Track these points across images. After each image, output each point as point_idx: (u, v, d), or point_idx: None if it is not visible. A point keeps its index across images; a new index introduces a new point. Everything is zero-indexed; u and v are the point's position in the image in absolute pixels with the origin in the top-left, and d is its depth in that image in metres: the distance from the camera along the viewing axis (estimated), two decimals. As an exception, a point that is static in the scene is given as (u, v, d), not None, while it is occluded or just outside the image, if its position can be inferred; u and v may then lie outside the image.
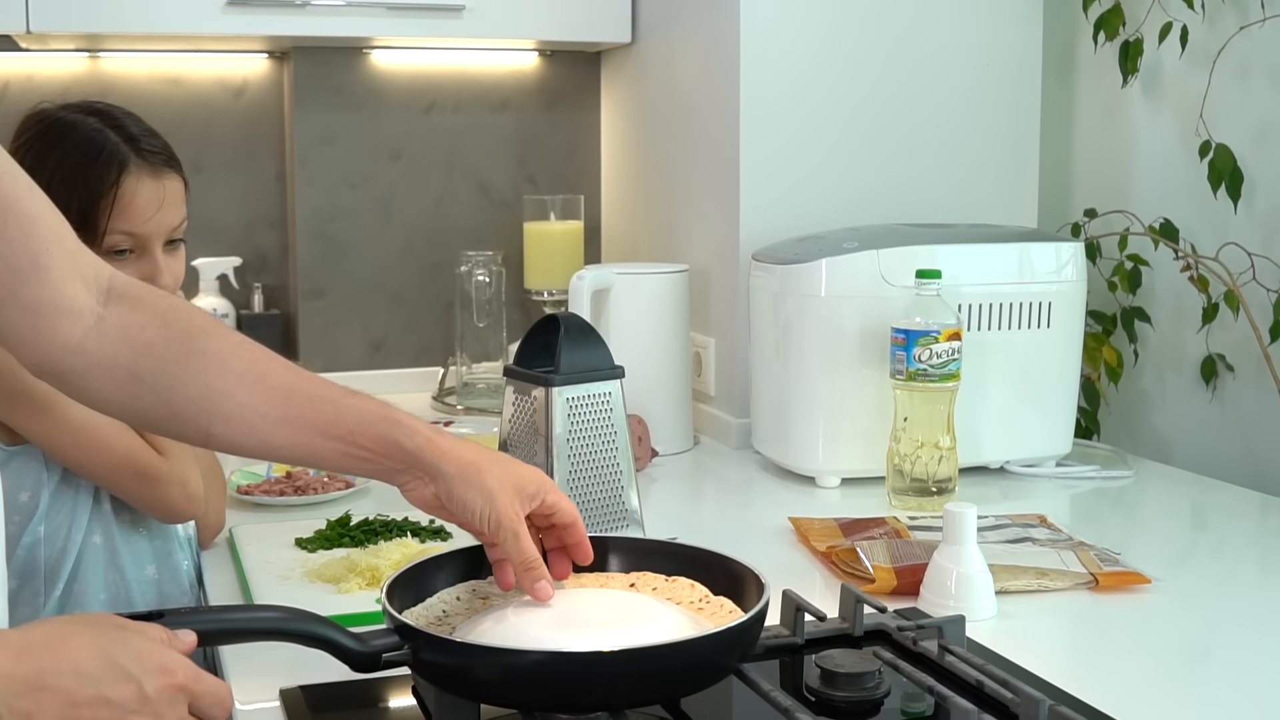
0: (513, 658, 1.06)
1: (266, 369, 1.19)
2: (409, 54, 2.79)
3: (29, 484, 1.59)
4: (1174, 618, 1.48)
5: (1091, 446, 2.26)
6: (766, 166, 2.29)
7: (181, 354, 1.18)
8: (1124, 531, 1.85)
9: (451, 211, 2.85)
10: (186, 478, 1.60)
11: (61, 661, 0.87)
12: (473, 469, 1.17)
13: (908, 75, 2.36)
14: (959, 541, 1.45)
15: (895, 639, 1.28)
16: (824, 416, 2.02)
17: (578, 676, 1.05)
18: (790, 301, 2.03)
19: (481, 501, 1.16)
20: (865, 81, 2.34)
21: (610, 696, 1.07)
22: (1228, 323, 2.21)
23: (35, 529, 1.59)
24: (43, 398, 1.53)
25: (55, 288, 1.15)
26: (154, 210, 1.64)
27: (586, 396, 1.64)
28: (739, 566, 1.24)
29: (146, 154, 1.66)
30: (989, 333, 2.03)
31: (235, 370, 1.17)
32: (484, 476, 1.16)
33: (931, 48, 2.36)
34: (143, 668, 0.90)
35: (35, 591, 1.60)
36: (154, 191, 1.64)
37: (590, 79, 2.92)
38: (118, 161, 1.62)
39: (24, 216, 1.13)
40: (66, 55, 2.66)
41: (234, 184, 2.79)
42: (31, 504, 1.59)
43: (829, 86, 2.32)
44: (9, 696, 0.85)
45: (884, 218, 2.29)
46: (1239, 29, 2.15)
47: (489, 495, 1.16)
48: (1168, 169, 2.34)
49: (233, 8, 2.44)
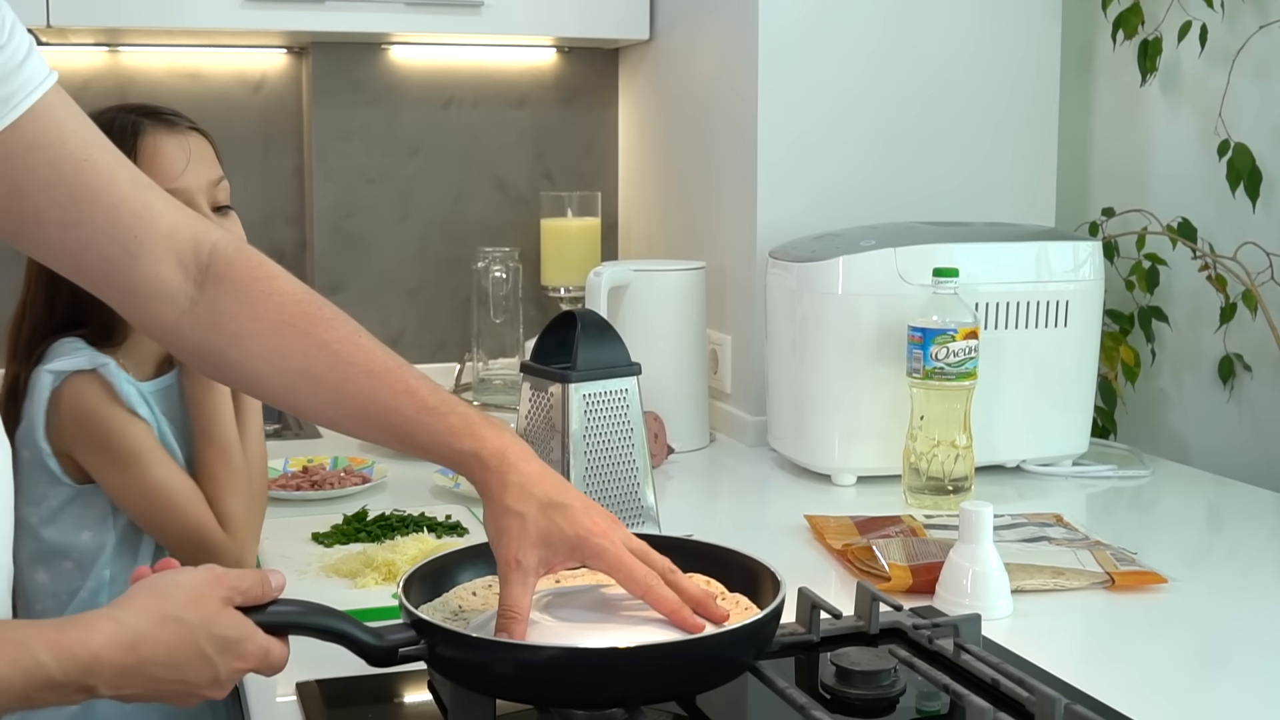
0: (528, 653, 1.06)
1: (347, 374, 1.18)
2: (427, 50, 2.79)
3: (92, 523, 1.58)
4: (1190, 618, 1.48)
5: (1108, 446, 2.26)
6: (784, 164, 2.29)
7: (271, 352, 1.18)
8: (1140, 531, 1.84)
9: (469, 207, 2.86)
10: (243, 554, 1.56)
11: (159, 653, 0.97)
12: (506, 502, 1.14)
13: (926, 73, 2.36)
14: (975, 540, 1.45)
15: (911, 637, 1.28)
16: (840, 414, 2.02)
17: (593, 672, 1.06)
18: (807, 299, 2.03)
19: (494, 535, 1.14)
20: (884, 79, 2.34)
21: (625, 693, 1.07)
22: (1245, 322, 2.20)
23: (100, 573, 1.59)
24: (127, 452, 1.53)
25: (147, 273, 1.16)
26: (183, 164, 1.59)
27: (603, 393, 1.65)
28: (754, 564, 1.24)
29: (160, 115, 1.62)
30: (1006, 331, 2.02)
31: (318, 374, 1.18)
32: (507, 516, 1.13)
33: (950, 46, 2.36)
34: (222, 655, 1.00)
35: None
36: (178, 145, 1.60)
37: (608, 76, 2.92)
38: (130, 127, 1.59)
39: (109, 206, 1.14)
40: (86, 49, 2.67)
41: (252, 179, 2.80)
42: (96, 545, 1.58)
43: (847, 84, 2.32)
44: (112, 680, 0.95)
45: (902, 216, 2.29)
46: (1259, 28, 2.14)
47: (498, 534, 1.14)
48: (1186, 168, 2.33)
49: (252, 3, 2.45)
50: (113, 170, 1.15)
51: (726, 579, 1.25)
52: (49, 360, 1.54)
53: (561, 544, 1.13)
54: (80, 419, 1.53)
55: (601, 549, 1.13)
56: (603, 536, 1.13)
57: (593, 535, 1.13)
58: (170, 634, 0.97)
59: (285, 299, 1.20)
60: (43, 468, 1.55)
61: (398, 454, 2.14)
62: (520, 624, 1.11)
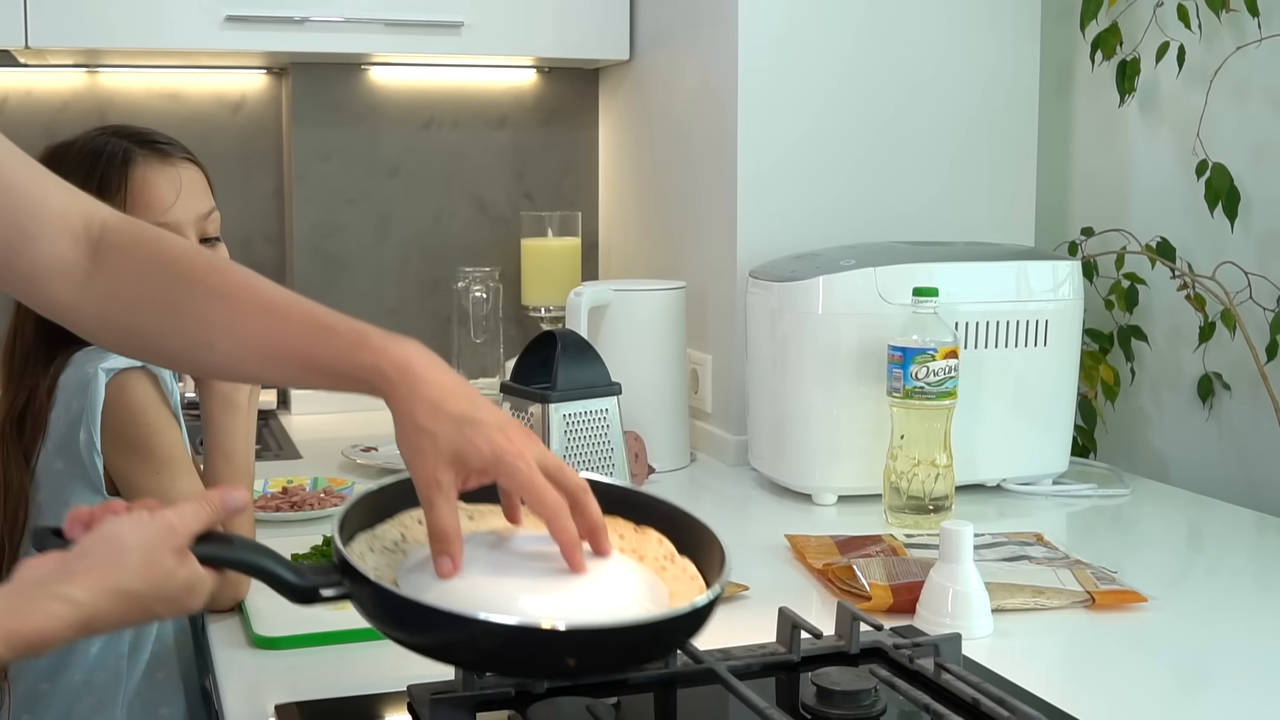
0: (447, 622, 1.04)
1: (243, 314, 1.17)
2: (407, 70, 2.80)
3: None
4: (1170, 636, 1.48)
5: (1088, 465, 2.26)
6: (764, 183, 2.30)
7: (164, 308, 1.19)
8: (1120, 550, 1.85)
9: (449, 227, 2.86)
10: (240, 583, 1.51)
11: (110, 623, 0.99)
12: (417, 420, 1.10)
13: (906, 93, 2.36)
14: (955, 559, 1.45)
15: (892, 657, 1.28)
16: (821, 434, 2.02)
17: (514, 648, 1.03)
18: (787, 319, 2.03)
19: (408, 456, 1.11)
20: (864, 99, 2.34)
21: (549, 668, 1.07)
22: (1224, 342, 2.21)
23: None
24: (162, 457, 1.52)
25: (45, 252, 1.18)
26: (173, 197, 1.58)
27: (583, 413, 1.65)
28: (707, 533, 1.22)
29: (153, 144, 1.60)
30: (986, 350, 2.03)
31: (214, 323, 1.17)
32: (419, 434, 1.09)
33: (930, 66, 2.37)
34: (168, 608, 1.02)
35: (119, 655, 1.56)
36: (168, 178, 1.58)
37: (588, 96, 2.93)
38: (120, 155, 1.57)
39: (4, 191, 1.16)
40: (65, 70, 2.67)
41: (232, 200, 2.79)
42: None
43: (827, 104, 2.32)
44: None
45: (881, 235, 2.29)
46: (1236, 49, 2.16)
47: (411, 453, 1.10)
48: (1165, 188, 2.34)
49: (231, 23, 2.45)
50: (10, 156, 1.17)
51: (678, 541, 1.23)
52: (88, 362, 1.51)
53: (476, 461, 1.09)
54: (127, 415, 1.50)
55: (514, 469, 1.09)
56: (517, 456, 1.09)
57: (506, 454, 1.09)
58: (123, 607, 0.98)
59: (172, 257, 1.21)
60: (84, 479, 1.52)
61: (377, 476, 2.14)
62: (456, 542, 1.08)
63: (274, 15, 2.46)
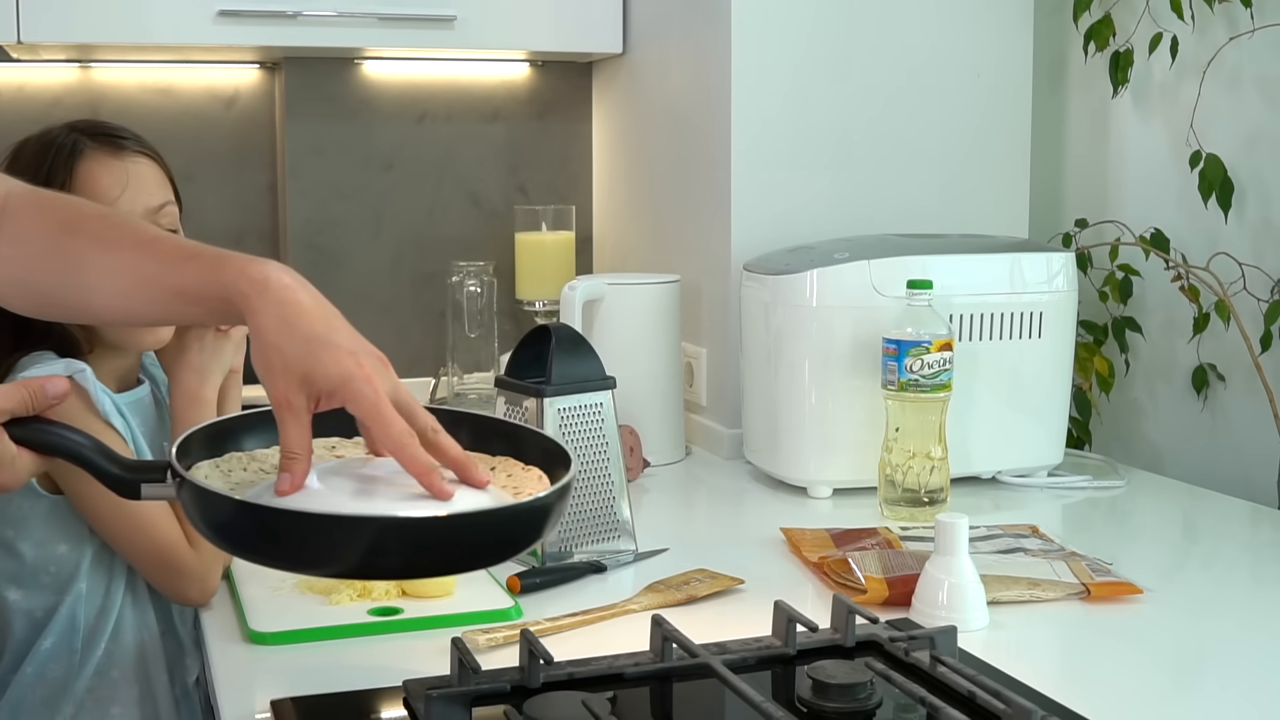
0: (260, 513, 1.04)
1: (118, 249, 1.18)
2: (400, 64, 2.79)
3: (69, 537, 1.57)
4: (1166, 628, 1.48)
5: (1083, 456, 2.27)
6: (758, 177, 2.29)
7: (55, 259, 1.20)
8: (1116, 541, 1.85)
9: (443, 222, 2.85)
10: (208, 573, 1.54)
11: None
12: (268, 336, 1.09)
13: (899, 86, 2.36)
14: (951, 552, 1.45)
15: (887, 650, 1.28)
16: (816, 427, 2.02)
17: (334, 538, 1.03)
18: (781, 312, 2.03)
19: (261, 373, 1.09)
20: (857, 92, 2.34)
21: (386, 562, 1.06)
22: (1218, 332, 2.21)
23: (79, 586, 1.58)
24: None
25: None
26: (119, 190, 1.58)
27: (578, 407, 1.65)
28: (550, 442, 1.23)
29: (103, 138, 1.60)
30: (980, 343, 2.03)
31: (97, 264, 1.18)
32: (269, 350, 1.08)
33: (922, 58, 2.37)
34: None
35: (72, 650, 1.58)
36: (115, 172, 1.58)
37: (582, 89, 2.92)
38: (70, 148, 1.58)
39: None
40: (57, 66, 2.66)
41: (225, 195, 2.79)
42: (73, 558, 1.57)
43: (820, 97, 2.32)
44: None
45: (875, 228, 2.29)
46: (1229, 39, 2.16)
47: (264, 370, 1.09)
48: (1158, 179, 2.34)
49: (224, 18, 2.44)
50: None
51: (523, 456, 1.22)
52: (19, 371, 1.53)
53: (323, 382, 1.07)
54: None
55: (361, 394, 1.07)
56: (365, 382, 1.07)
57: (355, 379, 1.07)
58: None
59: (65, 212, 1.23)
60: None
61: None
62: (302, 462, 1.07)
63: (266, 10, 2.46)
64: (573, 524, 1.65)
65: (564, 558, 1.64)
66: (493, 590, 1.52)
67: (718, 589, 1.55)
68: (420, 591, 1.49)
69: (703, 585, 1.55)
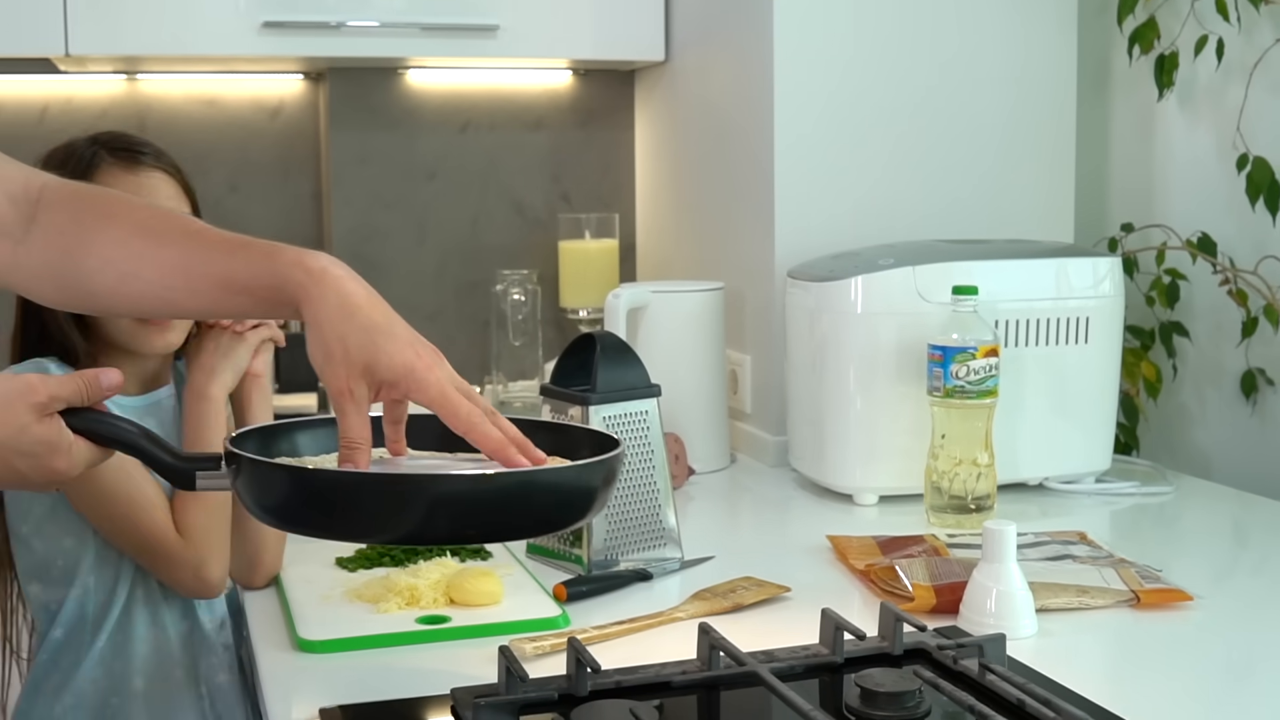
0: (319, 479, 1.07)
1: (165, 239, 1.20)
2: (444, 74, 2.80)
3: (74, 530, 1.59)
4: (1216, 635, 1.47)
5: (1131, 462, 2.25)
6: (801, 183, 2.29)
7: (92, 247, 1.21)
8: (1165, 548, 1.83)
9: (487, 230, 2.86)
10: (203, 562, 1.56)
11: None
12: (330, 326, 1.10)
13: (943, 90, 2.35)
14: (999, 559, 1.44)
15: (935, 658, 1.27)
16: (861, 434, 2.01)
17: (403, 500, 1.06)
18: (826, 318, 2.02)
19: (319, 361, 1.11)
20: (900, 97, 2.34)
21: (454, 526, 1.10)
22: (1267, 336, 2.20)
23: (85, 579, 1.61)
24: None
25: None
26: None
27: (623, 415, 1.65)
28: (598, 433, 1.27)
29: (121, 151, 1.63)
30: (1026, 348, 2.02)
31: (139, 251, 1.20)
32: (331, 340, 1.10)
33: (967, 62, 2.36)
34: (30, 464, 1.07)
35: (81, 643, 1.61)
36: (130, 186, 1.60)
37: (624, 97, 2.93)
38: (88, 160, 1.60)
39: None
40: (104, 78, 2.69)
41: (270, 204, 2.81)
42: (78, 551, 1.60)
43: (863, 102, 2.32)
44: None
45: (920, 233, 2.29)
46: (1275, 41, 2.14)
47: (324, 359, 1.11)
48: (1205, 182, 2.33)
49: (268, 29, 2.46)
50: None
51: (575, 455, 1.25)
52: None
53: (386, 372, 1.10)
54: None
55: (425, 381, 1.10)
56: (428, 370, 1.11)
57: (417, 369, 1.10)
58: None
59: (100, 200, 1.24)
60: None
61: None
62: (363, 453, 1.09)
63: (310, 21, 2.47)
64: (618, 531, 1.65)
65: (610, 565, 1.64)
66: (540, 598, 1.52)
67: (764, 597, 1.55)
68: (468, 600, 1.49)
69: (749, 593, 1.55)
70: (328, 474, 1.10)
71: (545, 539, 1.69)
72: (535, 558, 1.70)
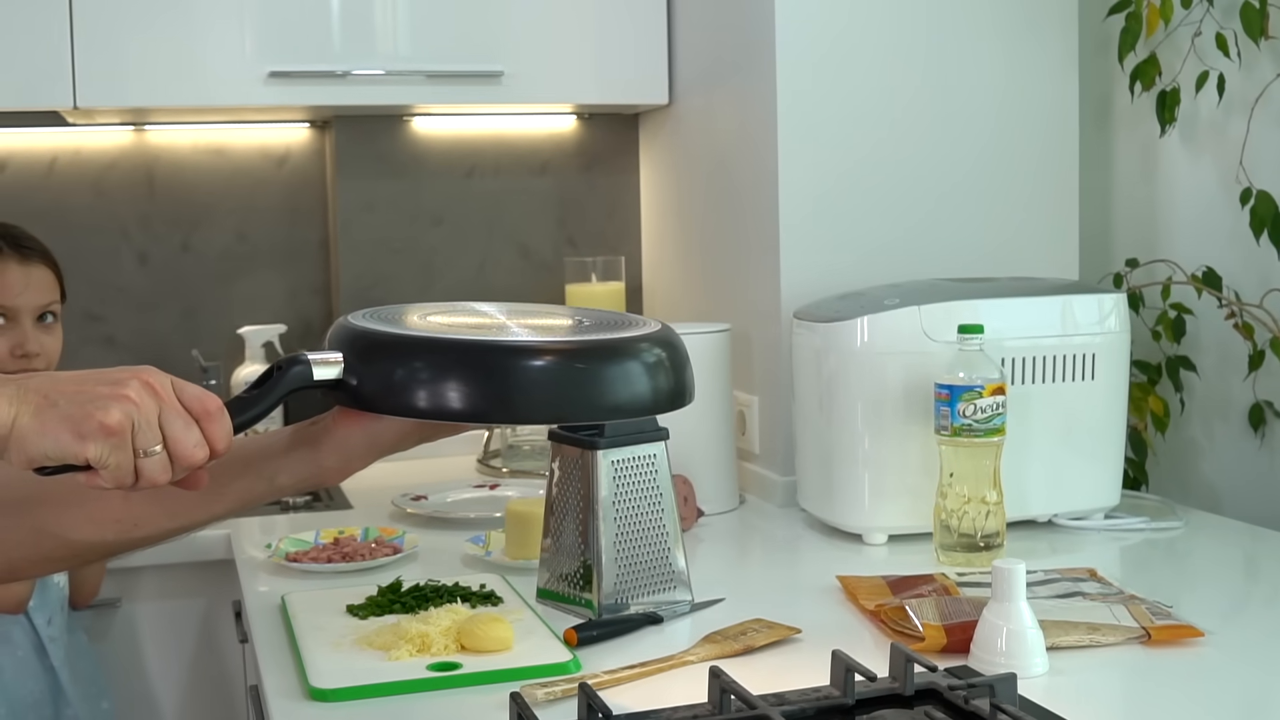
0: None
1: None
2: (449, 120, 2.82)
3: None
4: (1229, 671, 1.47)
5: (1140, 497, 2.25)
6: (806, 224, 2.30)
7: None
8: (1175, 583, 1.83)
9: (494, 275, 2.87)
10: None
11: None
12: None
13: (945, 130, 2.36)
14: (1009, 598, 1.44)
15: (947, 698, 1.27)
16: (869, 473, 2.02)
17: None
18: (833, 359, 2.03)
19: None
20: (903, 137, 2.35)
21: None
22: (1274, 369, 2.20)
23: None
24: None
25: None
26: (21, 289, 2.06)
27: (631, 459, 1.65)
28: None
29: (18, 246, 2.07)
30: (1033, 386, 2.02)
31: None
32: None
33: (969, 101, 2.37)
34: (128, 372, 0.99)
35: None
36: (21, 274, 2.05)
37: (629, 140, 2.94)
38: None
39: None
40: (112, 129, 2.70)
41: (278, 252, 2.82)
42: None
43: (867, 143, 2.33)
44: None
45: (925, 273, 2.29)
46: (1276, 76, 2.15)
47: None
48: (1209, 217, 2.33)
49: (275, 79, 2.47)
50: None
51: None
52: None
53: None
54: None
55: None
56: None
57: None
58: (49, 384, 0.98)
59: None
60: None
61: (428, 524, 2.15)
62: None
63: (316, 70, 2.49)
64: (628, 575, 1.65)
65: (620, 609, 1.64)
66: (550, 644, 1.52)
67: (775, 639, 1.55)
68: (478, 646, 1.49)
69: (760, 635, 1.55)
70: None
71: (555, 584, 1.69)
72: (545, 602, 1.70)
